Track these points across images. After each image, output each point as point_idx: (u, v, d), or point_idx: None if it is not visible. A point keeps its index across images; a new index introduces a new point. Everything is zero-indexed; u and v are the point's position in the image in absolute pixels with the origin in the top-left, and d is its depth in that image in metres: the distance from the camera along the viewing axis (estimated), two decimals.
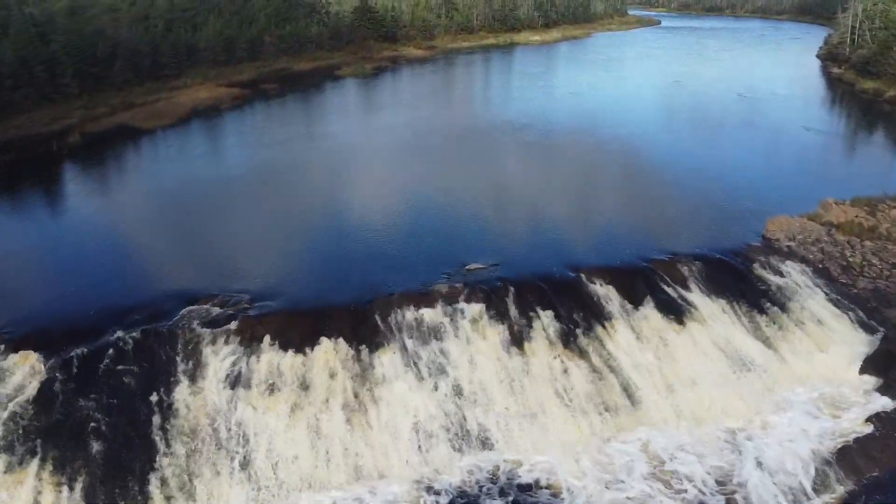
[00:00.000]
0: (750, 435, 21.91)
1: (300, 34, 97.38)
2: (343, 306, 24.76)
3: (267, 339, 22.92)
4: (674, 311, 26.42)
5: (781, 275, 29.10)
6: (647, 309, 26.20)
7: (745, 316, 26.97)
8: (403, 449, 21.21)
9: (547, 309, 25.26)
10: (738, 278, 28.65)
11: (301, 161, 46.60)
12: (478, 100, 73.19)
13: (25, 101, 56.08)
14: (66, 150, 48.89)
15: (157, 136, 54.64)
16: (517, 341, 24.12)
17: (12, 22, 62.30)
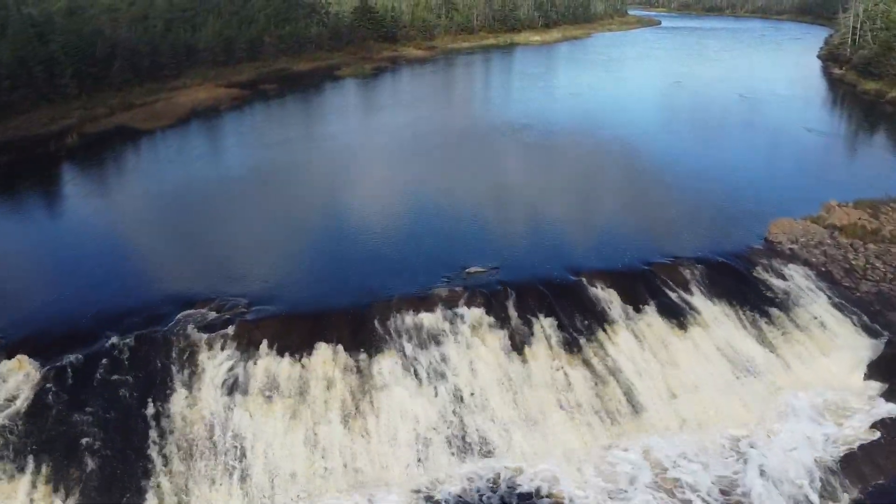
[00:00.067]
0: (753, 442, 21.64)
1: (300, 34, 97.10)
2: (341, 310, 24.50)
3: (264, 344, 22.64)
4: (676, 314, 26.16)
5: (784, 278, 28.83)
6: (649, 313, 25.94)
7: (748, 320, 26.70)
8: (403, 456, 20.92)
9: (548, 313, 24.98)
10: (740, 282, 28.39)
11: (300, 162, 46.34)
12: (478, 100, 72.91)
13: (24, 102, 55.76)
14: (64, 151, 48.62)
15: (155, 137, 54.35)
16: (518, 346, 23.83)
17: (11, 22, 62.03)
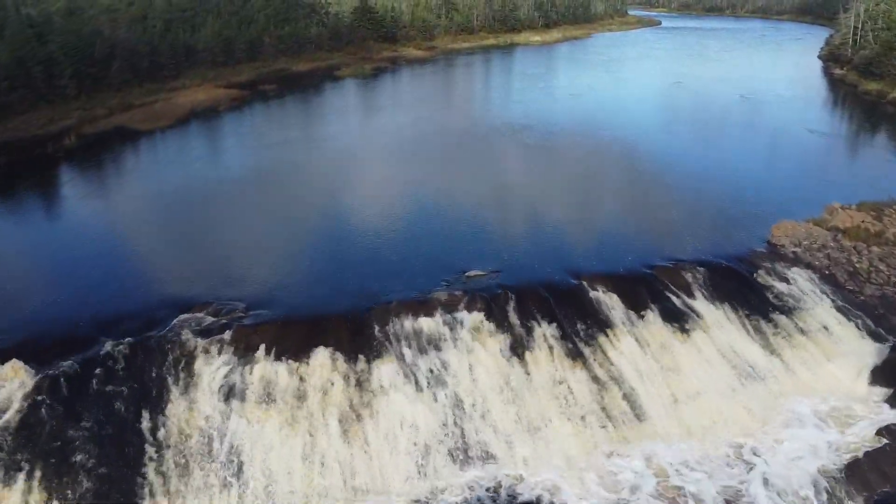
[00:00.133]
0: (758, 450, 21.34)
1: (299, 35, 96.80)
2: (340, 314, 24.22)
3: (262, 348, 22.36)
4: (678, 319, 25.89)
5: (787, 281, 28.56)
6: (651, 317, 25.65)
7: (751, 324, 26.43)
8: (402, 463, 20.65)
9: (549, 318, 24.70)
10: (743, 285, 28.13)
11: (299, 164, 46.04)
12: (478, 101, 72.63)
13: (22, 103, 55.39)
14: (62, 152, 48.27)
15: (154, 138, 54.05)
16: (518, 352, 23.55)
17: (9, 23, 61.69)
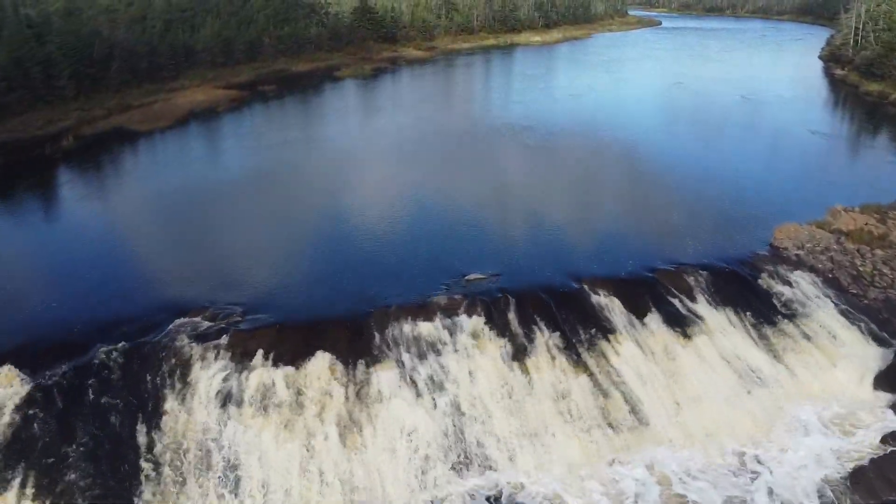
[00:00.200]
0: (761, 458, 21.05)
1: (299, 35, 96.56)
2: (338, 319, 23.98)
3: (259, 354, 22.10)
4: (680, 323, 25.63)
5: (790, 285, 28.29)
6: (653, 321, 25.40)
7: (754, 328, 26.18)
8: (401, 471, 20.37)
9: (549, 322, 24.46)
10: (745, 289, 27.86)
11: (298, 165, 45.77)
12: (478, 102, 72.35)
13: (20, 104, 55.13)
14: (60, 153, 48.00)
15: (152, 139, 53.77)
16: (518, 356, 23.28)
17: (7, 23, 61.42)
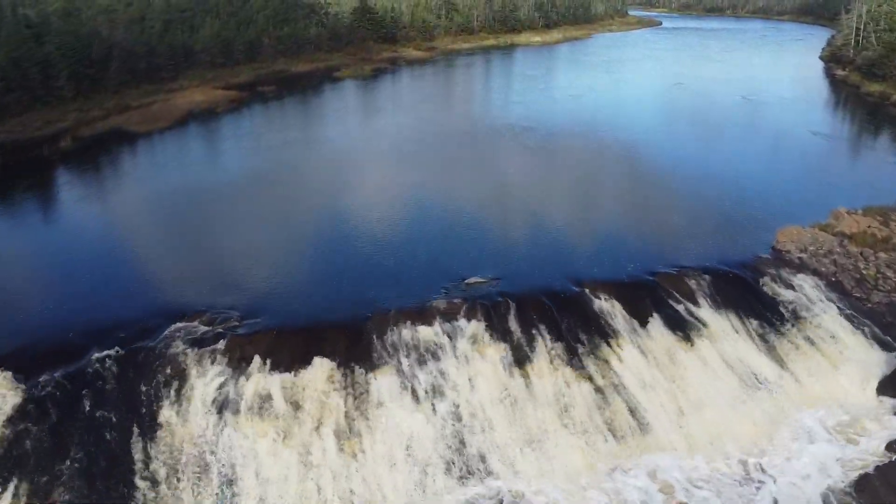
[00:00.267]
0: (765, 466, 20.72)
1: (299, 35, 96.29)
2: (337, 324, 23.72)
3: (256, 359, 21.84)
4: (682, 327, 25.39)
5: (793, 288, 28.03)
6: (655, 326, 25.15)
7: (756, 333, 25.92)
8: (399, 479, 20.09)
9: (550, 326, 24.19)
10: (748, 292, 27.61)
11: (296, 167, 45.49)
12: (478, 102, 72.07)
13: (18, 104, 54.89)
14: (57, 155, 47.70)
15: (150, 141, 53.49)
16: (519, 361, 23.02)
17: (5, 24, 61.18)
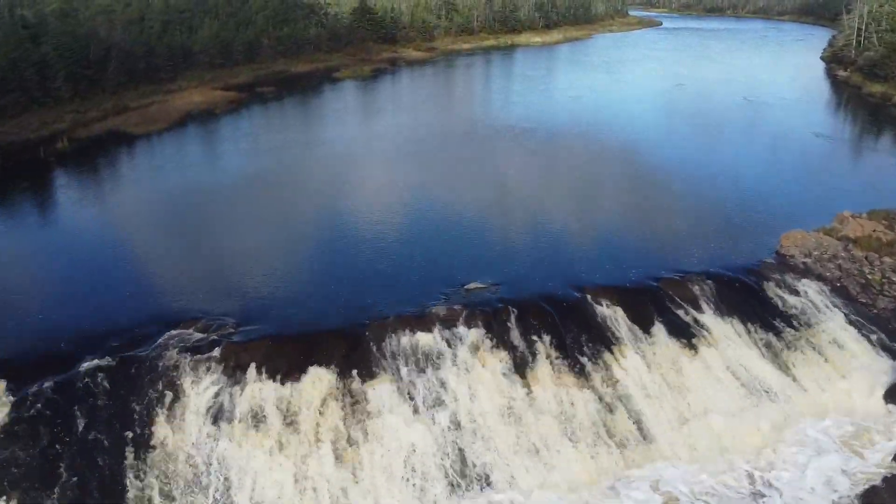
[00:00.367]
0: (770, 478, 20.28)
1: (298, 36, 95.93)
2: (334, 331, 23.30)
3: (252, 367, 21.43)
4: (685, 334, 24.99)
5: (798, 294, 27.63)
6: (658, 332, 24.75)
7: (761, 339, 25.52)
8: (398, 489, 19.68)
9: (551, 333, 23.78)
10: (752, 298, 27.20)
11: (294, 170, 45.07)
12: (478, 103, 71.67)
13: (15, 106, 54.51)
14: (54, 157, 47.17)
15: (147, 143, 53.08)
16: (520, 369, 22.63)
17: (2, 24, 60.81)
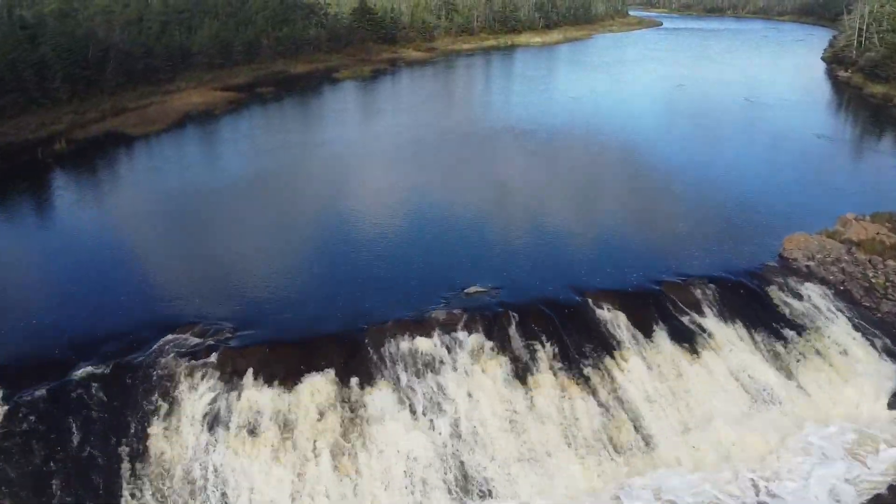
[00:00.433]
0: (773, 487, 19.99)
1: (298, 36, 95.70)
2: (332, 336, 23.02)
3: (249, 373, 21.17)
4: (687, 338, 24.72)
5: (801, 298, 27.34)
6: (659, 337, 24.48)
7: (764, 344, 25.24)
8: (397, 497, 19.42)
9: (552, 338, 23.50)
10: (754, 302, 26.91)
11: (293, 171, 44.79)
12: (478, 104, 71.42)
13: (13, 107, 54.31)
14: (51, 158, 46.89)
15: (146, 144, 52.79)
16: (520, 375, 22.34)
17: (0, 25, 60.59)
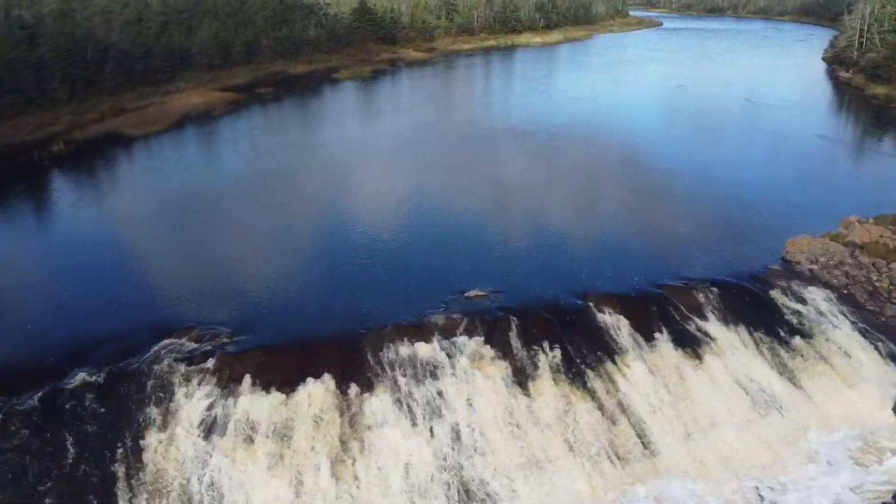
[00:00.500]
0: (777, 498, 19.69)
1: (297, 36, 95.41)
2: (331, 341, 22.78)
3: (247, 379, 20.92)
4: (690, 343, 24.46)
5: (804, 302, 27.10)
6: (662, 342, 24.21)
7: (767, 348, 24.99)
8: None
9: (553, 343, 23.25)
10: (757, 306, 26.66)
11: (291, 173, 44.51)
12: (478, 105, 71.16)
13: (11, 108, 53.93)
14: (49, 160, 46.60)
15: (144, 145, 52.56)
16: (521, 380, 22.08)
17: None
